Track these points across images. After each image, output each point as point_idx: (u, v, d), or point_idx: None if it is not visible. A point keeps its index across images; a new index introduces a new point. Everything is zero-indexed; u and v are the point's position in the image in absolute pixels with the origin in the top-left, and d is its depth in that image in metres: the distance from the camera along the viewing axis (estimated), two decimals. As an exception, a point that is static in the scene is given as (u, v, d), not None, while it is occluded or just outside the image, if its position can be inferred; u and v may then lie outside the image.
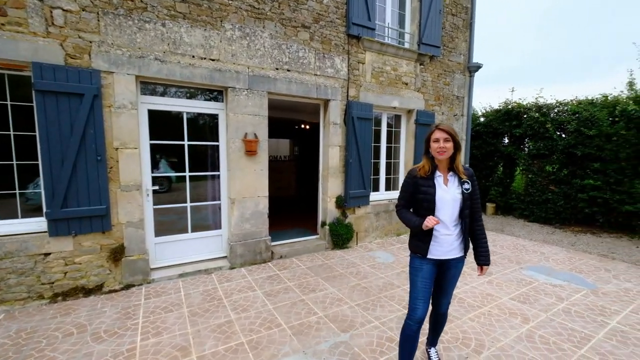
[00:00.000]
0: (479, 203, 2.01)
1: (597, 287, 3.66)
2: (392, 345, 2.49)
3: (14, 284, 2.97)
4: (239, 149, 4.03)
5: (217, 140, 4.09)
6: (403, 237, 5.69)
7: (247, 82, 3.99)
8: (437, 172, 1.93)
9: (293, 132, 10.26)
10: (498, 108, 7.97)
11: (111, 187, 3.32)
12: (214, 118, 4.06)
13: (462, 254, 1.99)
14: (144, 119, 3.59)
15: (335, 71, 4.73)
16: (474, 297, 3.35)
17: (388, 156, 5.77)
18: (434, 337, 2.30)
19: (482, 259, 2.00)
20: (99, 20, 3.14)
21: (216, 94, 4.02)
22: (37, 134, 3.00)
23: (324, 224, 5.00)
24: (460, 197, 1.89)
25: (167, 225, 3.91)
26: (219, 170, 4.14)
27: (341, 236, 4.87)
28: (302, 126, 9.28)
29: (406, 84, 5.55)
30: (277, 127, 8.70)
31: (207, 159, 4.13)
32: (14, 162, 3.07)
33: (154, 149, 3.72)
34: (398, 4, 5.62)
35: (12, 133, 3.03)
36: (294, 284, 3.63)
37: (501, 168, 8.06)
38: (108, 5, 3.17)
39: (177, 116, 3.84)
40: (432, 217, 1.81)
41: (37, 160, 3.09)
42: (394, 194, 5.81)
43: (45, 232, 3.08)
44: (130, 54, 3.30)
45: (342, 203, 4.98)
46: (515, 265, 4.33)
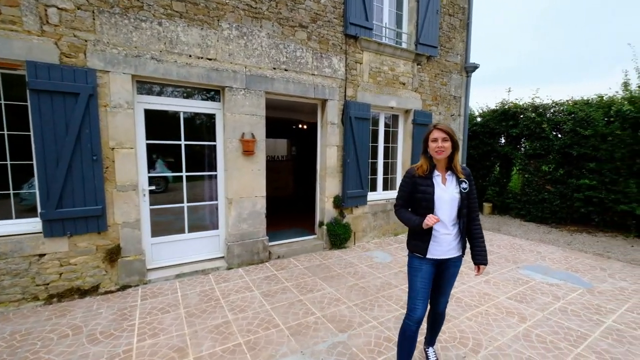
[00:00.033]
0: (476, 202, 2.01)
1: (593, 286, 3.69)
2: (390, 345, 2.49)
3: (8, 286, 2.93)
4: (237, 148, 4.01)
5: (215, 140, 4.07)
6: (400, 236, 5.70)
7: (244, 81, 3.97)
8: (436, 172, 1.93)
9: (291, 132, 10.25)
10: (495, 108, 8.01)
11: (107, 187, 3.30)
12: (211, 118, 4.04)
13: (460, 253, 1.99)
14: (141, 118, 3.56)
15: (333, 71, 4.72)
16: (472, 296, 3.37)
17: (385, 156, 5.78)
18: (431, 337, 2.31)
19: (480, 258, 2.00)
20: (94, 19, 3.11)
21: (213, 94, 4.00)
22: (31, 133, 2.97)
23: (321, 223, 5.00)
24: (458, 196, 1.89)
25: (164, 225, 3.89)
26: (216, 170, 4.12)
27: (339, 236, 4.87)
28: (300, 126, 9.27)
29: (404, 84, 5.55)
30: (274, 127, 8.69)
31: (204, 159, 4.11)
32: (8, 162, 3.04)
33: (151, 149, 3.70)
34: (395, 4, 5.63)
35: (6, 133, 3.00)
36: (291, 284, 3.62)
37: (498, 168, 8.10)
38: (104, 3, 3.14)
39: (174, 116, 3.82)
40: (433, 215, 1.81)
41: (31, 160, 3.06)
42: (391, 194, 5.82)
43: (40, 232, 3.05)
44: (127, 53, 3.27)
45: (339, 203, 4.97)
46: (512, 265, 4.35)
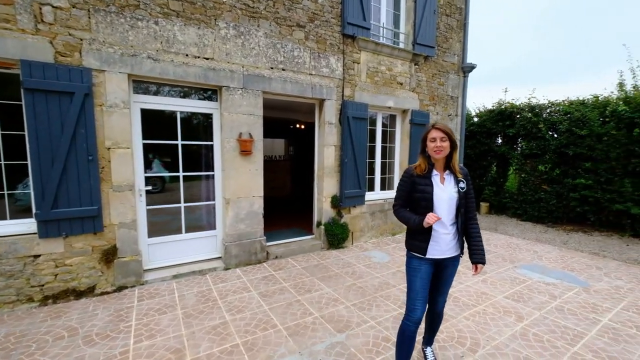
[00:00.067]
0: (473, 202, 2.01)
1: (589, 285, 3.72)
2: (389, 345, 2.49)
3: (2, 287, 2.90)
4: (234, 148, 3.99)
5: (212, 140, 4.05)
6: (398, 236, 5.70)
7: (241, 81, 3.96)
8: (434, 171, 1.93)
9: (288, 131, 10.23)
10: (491, 108, 8.04)
11: (103, 188, 3.27)
12: (208, 117, 4.02)
13: (458, 252, 2.00)
14: (137, 118, 3.53)
15: (331, 71, 4.72)
16: (469, 295, 3.37)
17: (383, 156, 5.78)
18: (430, 336, 2.31)
19: (478, 257, 2.00)
20: (89, 18, 3.08)
21: (210, 93, 3.98)
22: (26, 133, 2.94)
23: (319, 223, 4.99)
24: (456, 195, 1.89)
25: (161, 225, 3.86)
26: (213, 170, 4.10)
27: (337, 236, 4.86)
28: (297, 126, 9.25)
29: (401, 84, 5.56)
30: (272, 127, 8.67)
31: (201, 159, 4.08)
32: (2, 162, 3.00)
33: (147, 149, 3.67)
34: (393, 4, 5.63)
35: (0, 132, 2.96)
36: (289, 285, 3.61)
37: (495, 168, 8.14)
38: (99, 2, 3.11)
39: (171, 115, 3.79)
40: (433, 213, 1.81)
41: (26, 160, 3.02)
42: (389, 194, 5.83)
43: (35, 233, 3.01)
44: (123, 52, 3.25)
45: (337, 203, 4.97)
46: (509, 264, 4.37)
